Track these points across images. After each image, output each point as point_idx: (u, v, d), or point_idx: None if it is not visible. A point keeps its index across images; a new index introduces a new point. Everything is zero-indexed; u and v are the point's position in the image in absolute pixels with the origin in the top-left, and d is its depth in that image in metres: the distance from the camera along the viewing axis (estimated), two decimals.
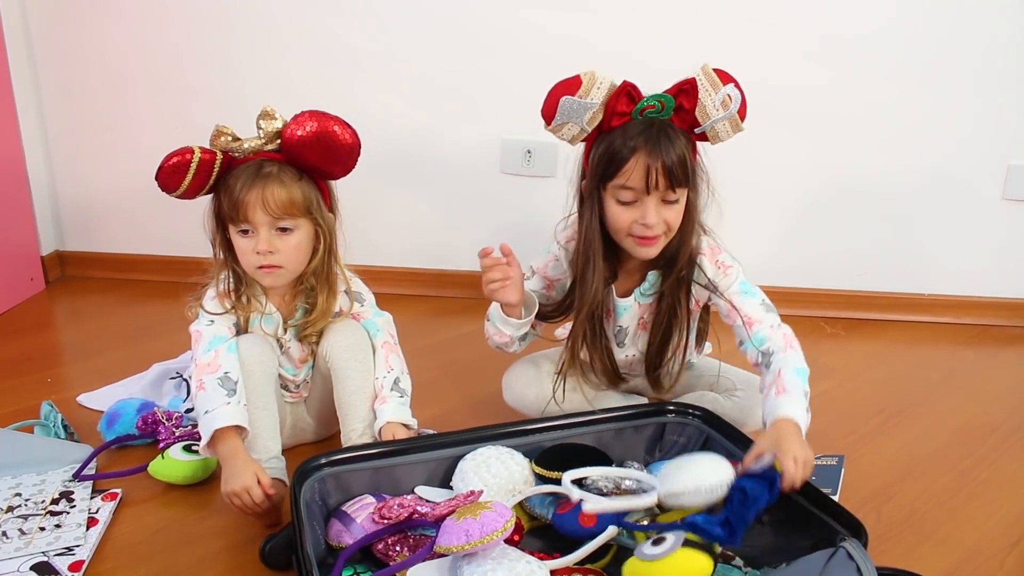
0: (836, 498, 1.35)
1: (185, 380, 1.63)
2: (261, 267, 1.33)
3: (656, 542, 1.05)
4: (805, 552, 1.12)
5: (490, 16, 2.04)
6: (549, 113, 1.31)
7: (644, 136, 1.28)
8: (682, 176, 1.29)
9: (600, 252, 1.37)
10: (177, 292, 1.43)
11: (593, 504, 1.12)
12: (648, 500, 1.13)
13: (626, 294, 1.45)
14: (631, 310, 1.45)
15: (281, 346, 1.41)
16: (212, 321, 1.36)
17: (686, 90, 1.29)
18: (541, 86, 1.36)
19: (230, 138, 1.30)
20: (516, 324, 1.40)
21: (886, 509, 1.37)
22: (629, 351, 1.49)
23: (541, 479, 1.26)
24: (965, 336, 2.13)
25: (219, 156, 1.29)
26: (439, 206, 2.21)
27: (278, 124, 1.30)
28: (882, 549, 1.26)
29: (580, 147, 1.40)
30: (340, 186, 1.42)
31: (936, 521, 1.35)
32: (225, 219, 1.33)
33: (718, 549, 1.08)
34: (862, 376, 1.89)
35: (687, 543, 1.02)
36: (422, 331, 1.98)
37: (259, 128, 1.30)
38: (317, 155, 1.31)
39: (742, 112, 1.32)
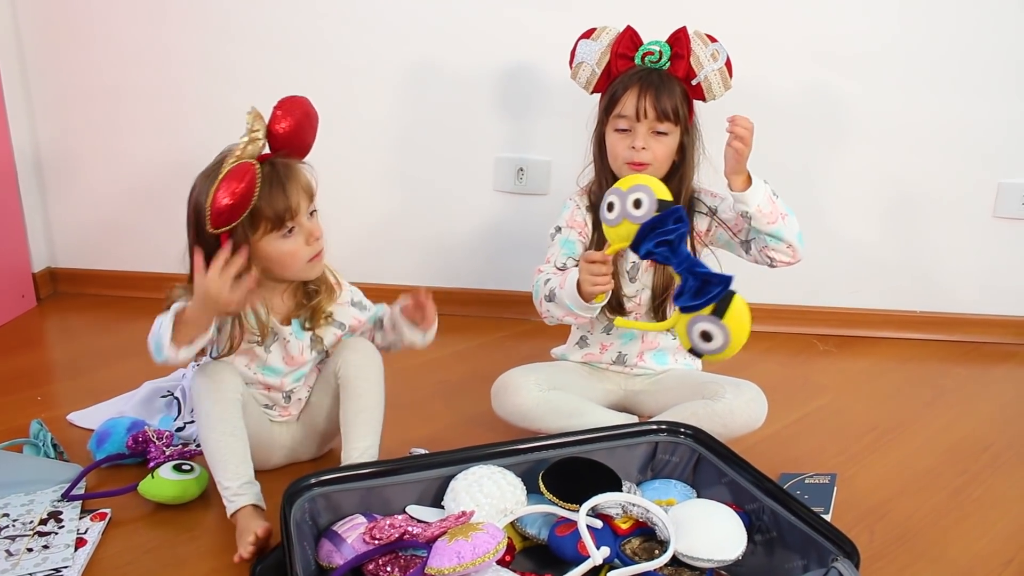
0: (828, 517, 1.35)
1: (176, 398, 1.63)
2: (312, 258, 1.33)
3: (704, 338, 1.20)
4: (797, 572, 1.12)
5: (486, 32, 2.04)
6: (571, 56, 1.56)
7: (640, 75, 1.50)
8: (670, 110, 1.47)
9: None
10: None
11: (619, 572, 1.11)
12: (666, 558, 1.12)
13: None
14: None
15: (275, 337, 1.38)
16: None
17: (680, 38, 1.49)
18: (535, 105, 1.37)
19: (260, 143, 1.27)
20: (595, 308, 1.45)
21: (879, 528, 1.37)
22: (638, 286, 1.59)
23: (547, 502, 1.24)
24: (957, 353, 2.14)
25: (256, 165, 1.25)
26: (431, 223, 2.20)
27: (265, 121, 1.28)
28: (875, 569, 1.26)
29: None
30: (331, 204, 1.42)
31: (929, 540, 1.34)
32: (247, 239, 1.27)
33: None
34: (854, 394, 1.89)
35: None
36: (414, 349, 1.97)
37: (255, 131, 1.26)
38: (302, 138, 1.32)
39: (729, 68, 1.51)
